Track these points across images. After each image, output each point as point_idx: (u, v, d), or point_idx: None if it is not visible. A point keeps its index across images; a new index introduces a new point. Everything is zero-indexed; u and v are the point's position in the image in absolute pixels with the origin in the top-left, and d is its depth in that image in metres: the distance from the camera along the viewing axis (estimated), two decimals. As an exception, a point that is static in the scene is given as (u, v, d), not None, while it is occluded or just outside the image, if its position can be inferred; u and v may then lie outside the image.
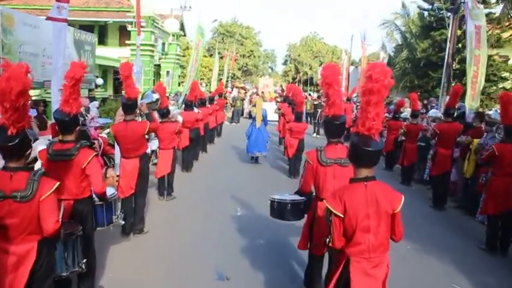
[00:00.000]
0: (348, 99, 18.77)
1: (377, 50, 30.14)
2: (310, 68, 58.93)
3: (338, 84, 3.99)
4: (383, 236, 2.98)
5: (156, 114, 7.72)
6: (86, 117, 7.20)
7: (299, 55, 61.35)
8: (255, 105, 13.85)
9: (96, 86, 16.40)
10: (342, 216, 2.93)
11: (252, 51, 56.55)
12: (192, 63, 15.77)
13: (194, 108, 11.19)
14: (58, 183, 3.16)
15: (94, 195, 4.27)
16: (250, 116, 23.54)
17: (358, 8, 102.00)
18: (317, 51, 61.57)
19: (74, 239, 3.66)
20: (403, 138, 11.01)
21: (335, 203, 2.95)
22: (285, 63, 66.27)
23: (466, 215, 8.31)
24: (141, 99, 6.51)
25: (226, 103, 22.83)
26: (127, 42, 22.57)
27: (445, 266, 5.79)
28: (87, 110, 7.55)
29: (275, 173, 11.30)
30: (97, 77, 16.29)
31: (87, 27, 28.47)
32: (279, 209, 4.82)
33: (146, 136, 9.44)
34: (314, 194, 4.40)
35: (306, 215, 4.66)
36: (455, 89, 8.61)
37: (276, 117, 21.60)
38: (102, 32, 28.44)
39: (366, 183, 2.94)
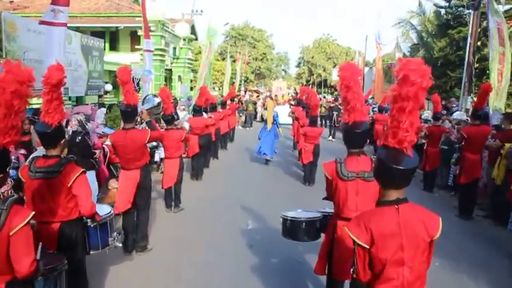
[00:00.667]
0: (380, 110, 18.17)
1: (391, 50, 29.45)
2: (324, 70, 58.33)
3: (358, 87, 3.44)
4: (420, 269, 2.44)
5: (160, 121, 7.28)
6: (87, 125, 6.75)
7: (312, 57, 60.77)
8: (267, 108, 13.75)
9: (106, 92, 16.05)
10: (368, 247, 2.41)
11: (264, 54, 56.10)
12: (203, 66, 15.34)
13: (204, 113, 10.73)
14: (33, 213, 2.61)
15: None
16: (262, 120, 23.58)
17: (372, 9, 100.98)
18: (331, 53, 60.93)
19: (57, 275, 3.10)
20: (423, 141, 10.37)
21: (359, 231, 2.42)
22: (298, 65, 65.75)
23: (497, 225, 7.69)
24: (143, 104, 6.03)
25: (239, 107, 22.35)
26: (136, 47, 22.25)
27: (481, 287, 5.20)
28: (87, 118, 7.10)
29: (289, 181, 10.76)
30: (106, 83, 15.93)
31: (98, 33, 28.45)
32: (292, 228, 4.31)
33: (154, 143, 9.20)
34: (332, 211, 3.88)
35: (323, 235, 4.14)
36: (484, 88, 7.93)
37: (289, 120, 21.19)
38: (113, 38, 28.29)
39: (397, 206, 2.41)
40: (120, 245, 4.40)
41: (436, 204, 8.45)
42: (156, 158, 10.23)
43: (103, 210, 4.23)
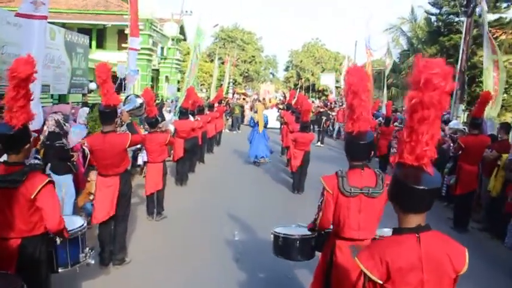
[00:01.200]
0: None
1: (381, 56, 29.32)
2: (312, 75, 58.07)
3: (367, 93, 3.06)
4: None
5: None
6: (65, 126, 6.28)
7: (301, 61, 60.48)
8: (256, 112, 13.81)
9: (90, 91, 15.48)
10: (381, 282, 2.02)
11: (253, 56, 55.70)
12: (190, 67, 14.89)
13: (190, 116, 10.30)
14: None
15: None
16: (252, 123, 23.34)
17: (362, 14, 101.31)
18: (319, 57, 60.69)
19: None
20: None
21: (373, 264, 2.03)
22: (286, 69, 65.42)
23: (493, 238, 7.42)
24: (124, 104, 5.58)
25: (226, 110, 21.93)
26: (124, 45, 21.69)
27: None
28: (66, 118, 6.63)
29: (278, 188, 10.38)
30: (91, 81, 15.35)
31: (85, 30, 27.81)
32: (284, 246, 3.90)
33: (138, 146, 8.74)
34: (331, 229, 3.48)
35: (318, 253, 3.75)
36: (484, 96, 7.61)
37: (277, 124, 20.84)
38: (100, 36, 27.69)
39: (418, 235, 2.03)
40: (93, 261, 3.92)
41: (429, 215, 8.12)
42: (139, 161, 9.79)
43: (74, 223, 3.78)
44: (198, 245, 6.31)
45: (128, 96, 6.02)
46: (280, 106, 22.52)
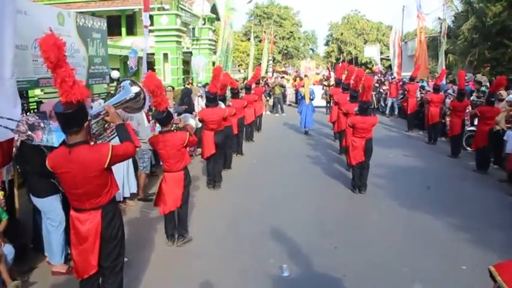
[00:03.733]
0: (412, 79, 15.59)
1: (432, 22, 26.33)
2: (355, 48, 54.92)
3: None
4: None
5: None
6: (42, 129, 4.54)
7: (342, 34, 57.28)
8: (303, 86, 14.80)
9: (112, 81, 13.88)
10: None
11: (291, 32, 52.94)
12: (221, 44, 13.02)
13: (221, 102, 8.46)
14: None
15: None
16: (296, 101, 22.87)
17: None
18: (361, 29, 57.28)
19: None
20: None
21: None
22: (326, 43, 62.32)
23: None
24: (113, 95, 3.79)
25: (265, 90, 19.93)
26: (151, 28, 20.04)
27: None
28: (44, 121, 4.90)
29: (334, 188, 8.26)
30: (113, 69, 13.77)
31: (114, 17, 26.50)
32: None
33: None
34: None
35: None
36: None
37: (322, 103, 18.86)
38: (129, 22, 26.23)
39: None
40: None
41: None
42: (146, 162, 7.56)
43: None
44: (234, 284, 4.51)
45: (120, 83, 4.22)
46: (325, 83, 20.32)
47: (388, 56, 42.90)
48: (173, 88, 10.99)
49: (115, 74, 13.63)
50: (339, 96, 10.33)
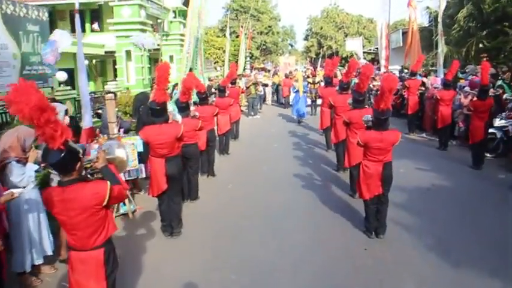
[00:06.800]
0: (413, 74, 13.62)
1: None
2: (335, 42, 53.08)
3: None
4: None
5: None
6: None
7: (321, 28, 55.42)
8: (297, 81, 15.96)
9: (59, 84, 11.39)
10: None
11: (270, 27, 50.51)
12: (189, 38, 10.75)
13: (175, 113, 6.15)
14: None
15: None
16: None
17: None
18: (341, 23, 55.46)
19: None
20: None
21: None
22: (306, 38, 60.34)
23: None
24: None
25: (243, 92, 17.72)
26: (109, 21, 17.52)
27: None
28: None
29: (334, 193, 6.26)
30: (60, 70, 11.27)
31: (79, 12, 23.71)
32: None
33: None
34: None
35: None
36: None
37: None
38: (95, 17, 23.38)
39: None
40: None
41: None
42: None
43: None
44: None
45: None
46: (310, 80, 18.20)
47: (370, 49, 41.20)
48: (115, 94, 8.31)
49: (62, 76, 11.08)
50: (336, 99, 8.17)
